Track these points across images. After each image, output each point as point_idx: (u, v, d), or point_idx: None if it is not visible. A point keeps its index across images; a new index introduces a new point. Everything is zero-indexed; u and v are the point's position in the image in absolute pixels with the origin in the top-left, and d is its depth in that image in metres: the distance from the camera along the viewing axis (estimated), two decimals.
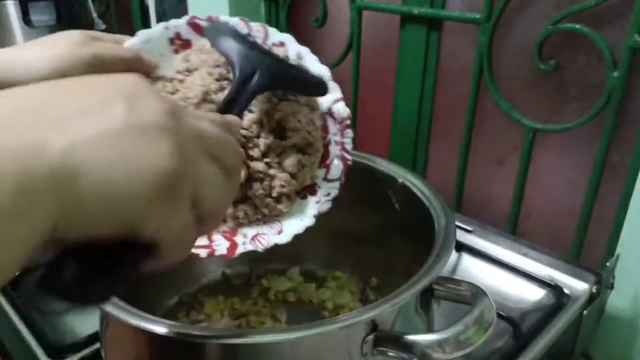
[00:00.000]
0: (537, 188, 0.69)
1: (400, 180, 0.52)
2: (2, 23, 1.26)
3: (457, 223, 0.49)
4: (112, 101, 0.24)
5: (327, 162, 0.50)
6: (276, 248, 0.60)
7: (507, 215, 0.71)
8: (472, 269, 0.63)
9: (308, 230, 0.59)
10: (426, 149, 0.79)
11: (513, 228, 0.71)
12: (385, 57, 0.77)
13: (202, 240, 0.46)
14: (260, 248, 0.44)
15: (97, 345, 0.49)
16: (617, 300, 0.61)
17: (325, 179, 0.49)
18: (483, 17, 0.64)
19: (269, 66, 0.41)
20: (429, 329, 0.41)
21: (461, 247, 0.65)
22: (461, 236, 0.66)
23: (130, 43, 0.46)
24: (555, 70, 0.61)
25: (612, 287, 0.60)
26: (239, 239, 0.45)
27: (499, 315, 0.50)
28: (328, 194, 0.48)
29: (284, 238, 0.45)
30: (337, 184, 0.49)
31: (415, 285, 0.37)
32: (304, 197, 0.49)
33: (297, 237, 0.59)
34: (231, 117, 0.36)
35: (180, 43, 0.48)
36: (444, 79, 0.74)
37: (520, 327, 0.53)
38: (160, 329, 0.34)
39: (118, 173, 0.23)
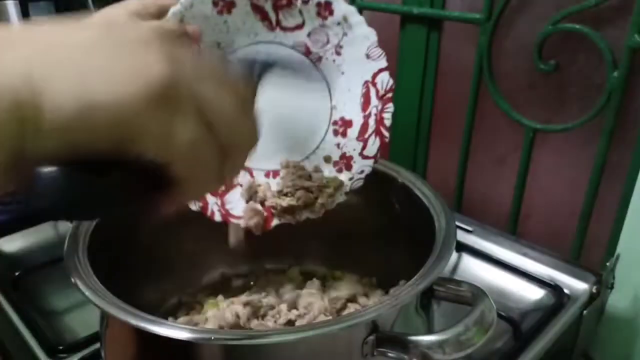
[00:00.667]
0: (537, 188, 0.69)
1: (400, 180, 0.52)
2: (2, 23, 1.26)
3: (457, 223, 0.49)
4: (90, 26, 0.24)
5: (365, 136, 0.49)
6: (276, 246, 0.61)
7: (507, 215, 0.71)
8: (473, 269, 0.63)
9: (308, 230, 0.59)
10: (426, 149, 0.79)
11: (513, 228, 0.71)
12: (386, 57, 0.77)
13: (240, 211, 0.49)
14: (293, 221, 0.47)
15: (97, 345, 0.49)
16: (617, 300, 0.61)
17: (361, 154, 0.49)
18: (483, 17, 0.64)
19: (265, 54, 0.43)
20: (430, 330, 0.41)
21: (461, 247, 0.65)
22: (461, 236, 0.66)
23: (173, 11, 0.45)
24: (555, 70, 0.61)
25: (612, 287, 0.60)
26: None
27: (499, 315, 0.50)
28: (362, 172, 0.48)
29: (315, 213, 0.47)
30: (371, 162, 0.48)
31: (415, 286, 0.37)
32: (340, 171, 0.49)
33: (298, 235, 0.59)
34: None
35: (223, 4, 0.47)
36: (444, 79, 0.74)
37: (520, 327, 0.53)
38: (160, 329, 0.34)
39: (95, 82, 0.21)
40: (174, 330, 0.34)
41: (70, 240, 0.42)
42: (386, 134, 0.48)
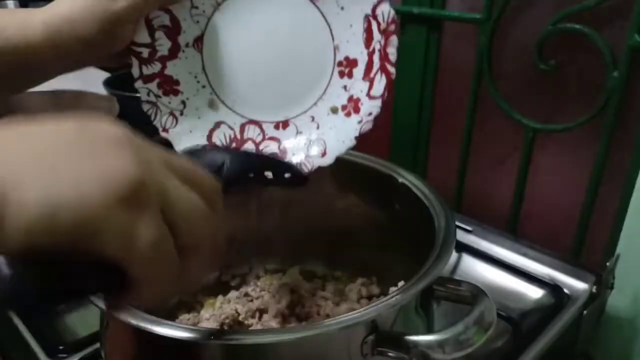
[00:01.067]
0: (537, 188, 0.69)
1: (400, 180, 0.52)
2: None
3: (457, 223, 0.48)
4: (65, 126, 0.24)
5: (371, 75, 0.47)
6: (276, 246, 0.61)
7: (507, 215, 0.71)
8: (472, 269, 0.63)
9: (308, 230, 0.59)
10: (426, 149, 0.79)
11: (513, 228, 0.71)
12: None
13: None
14: (305, 171, 0.47)
15: (97, 345, 0.49)
16: (617, 300, 0.61)
17: (368, 95, 0.47)
18: (483, 17, 0.64)
19: (237, 157, 0.41)
20: (429, 330, 0.41)
21: (461, 247, 0.65)
22: (461, 236, 0.66)
23: None
24: (555, 70, 0.61)
25: (612, 287, 0.60)
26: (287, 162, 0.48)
27: (499, 315, 0.50)
28: (370, 113, 0.47)
29: (327, 160, 0.47)
30: (379, 102, 0.46)
31: (415, 286, 0.37)
32: (348, 115, 0.48)
33: (297, 236, 0.59)
34: None
35: None
36: (444, 79, 0.74)
37: (520, 327, 0.53)
38: (160, 329, 0.34)
39: (61, 186, 0.22)
40: (174, 330, 0.34)
41: None
42: (392, 70, 0.46)
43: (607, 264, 0.58)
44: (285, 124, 0.50)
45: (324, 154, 0.48)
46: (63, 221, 0.22)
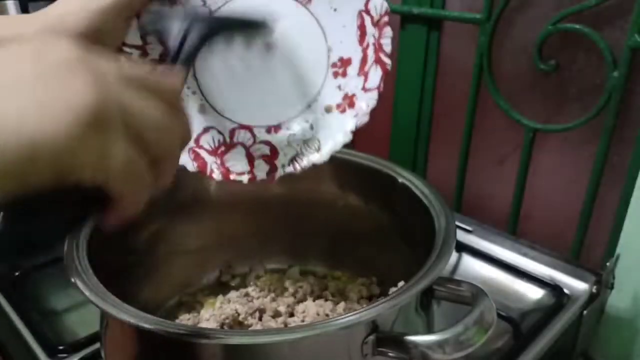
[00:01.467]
0: (537, 188, 0.69)
1: (400, 180, 0.52)
2: None
3: (457, 223, 0.48)
4: (22, 56, 0.24)
5: (366, 68, 0.46)
6: (276, 246, 0.61)
7: (507, 215, 0.71)
8: (472, 269, 0.63)
9: (308, 229, 0.59)
10: (426, 149, 0.79)
11: (513, 228, 0.71)
12: None
13: (243, 167, 0.48)
14: (298, 169, 0.46)
15: (97, 345, 0.49)
16: (617, 300, 0.61)
17: (363, 88, 0.46)
18: (483, 17, 0.64)
19: (204, 18, 0.40)
20: (429, 330, 0.41)
21: (461, 247, 0.65)
22: (461, 236, 0.66)
23: None
24: (555, 70, 0.61)
25: (612, 287, 0.60)
26: (278, 162, 0.47)
27: (499, 315, 0.50)
28: (366, 106, 0.46)
29: (322, 157, 0.47)
30: (375, 94, 0.46)
31: (415, 286, 0.37)
32: (343, 111, 0.47)
33: (297, 235, 0.60)
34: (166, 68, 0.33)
35: None
36: (444, 79, 0.74)
37: (520, 327, 0.53)
38: (160, 329, 0.34)
39: (31, 122, 0.22)
40: (174, 330, 0.34)
41: (70, 240, 0.42)
42: (387, 60, 0.45)
43: (607, 264, 0.58)
44: (277, 128, 0.49)
45: (318, 151, 0.47)
46: (39, 159, 0.22)
